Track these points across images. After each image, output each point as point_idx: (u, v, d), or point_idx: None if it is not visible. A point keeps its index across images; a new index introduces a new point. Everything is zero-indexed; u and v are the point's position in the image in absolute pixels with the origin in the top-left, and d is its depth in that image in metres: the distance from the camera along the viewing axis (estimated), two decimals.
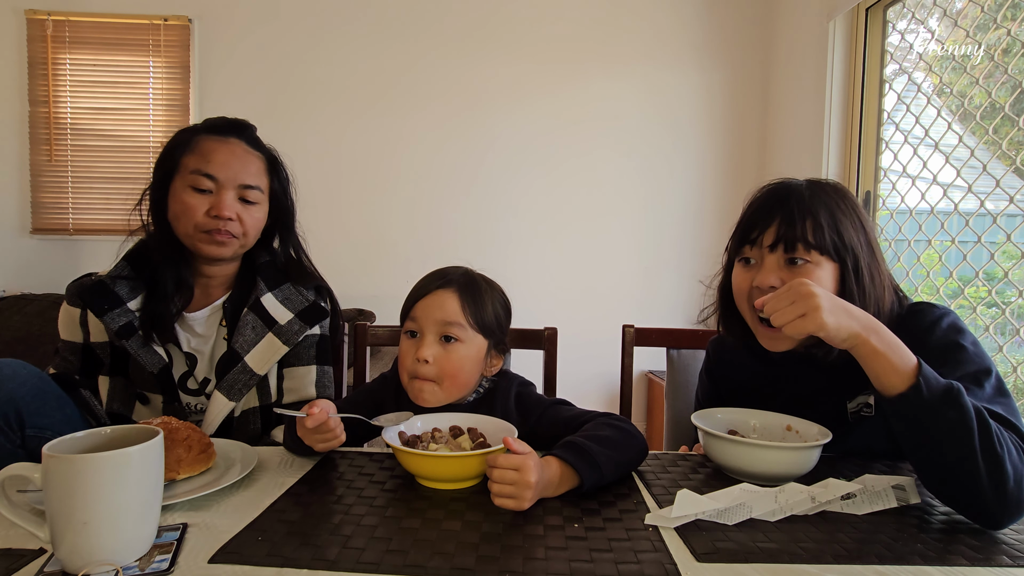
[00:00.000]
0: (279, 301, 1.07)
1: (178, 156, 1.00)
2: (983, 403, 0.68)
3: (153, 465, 0.57)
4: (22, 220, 2.78)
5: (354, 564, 0.53)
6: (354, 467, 0.80)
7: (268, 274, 1.09)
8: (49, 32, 2.72)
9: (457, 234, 2.91)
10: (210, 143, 1.00)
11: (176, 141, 1.02)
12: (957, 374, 0.72)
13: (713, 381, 1.08)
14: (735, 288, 0.90)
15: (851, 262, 0.80)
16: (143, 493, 0.55)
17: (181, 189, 0.99)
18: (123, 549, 0.53)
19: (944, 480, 0.67)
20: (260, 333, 1.03)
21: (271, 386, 1.06)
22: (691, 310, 3.00)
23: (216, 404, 0.99)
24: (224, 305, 1.05)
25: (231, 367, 1.00)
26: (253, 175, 1.03)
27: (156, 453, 0.57)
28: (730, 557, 0.56)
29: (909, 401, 0.65)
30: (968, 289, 1.86)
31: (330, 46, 2.83)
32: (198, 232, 0.99)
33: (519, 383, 0.95)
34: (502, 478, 0.66)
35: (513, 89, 2.89)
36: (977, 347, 0.77)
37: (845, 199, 0.84)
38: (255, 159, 1.05)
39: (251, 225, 1.03)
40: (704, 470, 0.82)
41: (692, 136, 2.96)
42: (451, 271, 0.92)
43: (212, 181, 0.99)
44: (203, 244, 1.00)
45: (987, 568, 0.56)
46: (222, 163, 0.99)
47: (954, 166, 1.93)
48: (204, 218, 0.98)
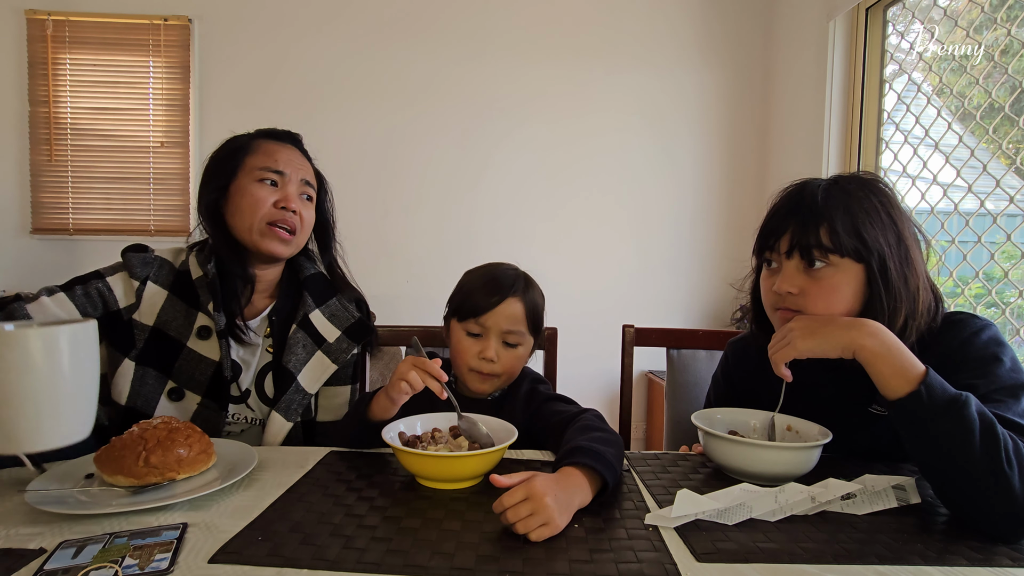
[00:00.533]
0: (326, 318, 1.08)
1: (241, 158, 1.03)
2: (1017, 417, 0.67)
3: (83, 348, 0.56)
4: (22, 220, 2.78)
5: (354, 564, 0.53)
6: (354, 467, 0.80)
7: (314, 288, 1.10)
8: (49, 32, 2.72)
9: (457, 234, 2.91)
10: (272, 145, 1.05)
11: (236, 145, 1.05)
12: (992, 387, 0.72)
13: (731, 383, 1.05)
14: (762, 292, 0.89)
15: (876, 263, 0.77)
16: (72, 376, 0.54)
17: (248, 184, 1.01)
18: (52, 432, 0.53)
19: (944, 488, 0.67)
20: (310, 351, 1.05)
21: (312, 403, 1.06)
22: (691, 310, 3.00)
23: (274, 424, 1.00)
24: (271, 317, 1.05)
25: (286, 387, 1.01)
26: (309, 176, 1.08)
27: (87, 336, 0.57)
28: (730, 557, 0.56)
29: (909, 406, 0.66)
30: (968, 290, 1.86)
31: (330, 46, 2.83)
32: (263, 224, 1.00)
33: (532, 379, 1.04)
34: (517, 514, 0.59)
35: (513, 89, 2.89)
36: (1016, 362, 0.75)
37: (873, 196, 0.80)
38: (308, 164, 1.10)
39: (308, 222, 1.06)
40: (704, 470, 0.82)
41: (693, 136, 2.96)
42: (508, 274, 0.99)
43: (279, 175, 1.02)
44: (267, 239, 1.00)
45: (987, 568, 0.56)
46: (287, 160, 1.04)
47: (954, 166, 1.93)
48: (271, 209, 1.00)
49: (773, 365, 0.79)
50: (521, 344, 0.97)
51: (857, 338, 0.70)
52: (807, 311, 0.80)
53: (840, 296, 0.79)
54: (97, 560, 0.53)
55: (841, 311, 0.79)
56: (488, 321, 0.94)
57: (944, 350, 0.78)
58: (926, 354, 0.76)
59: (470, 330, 0.96)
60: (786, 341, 0.77)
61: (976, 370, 0.74)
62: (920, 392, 0.65)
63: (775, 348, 0.79)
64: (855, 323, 0.73)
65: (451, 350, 1.01)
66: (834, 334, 0.73)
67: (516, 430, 0.79)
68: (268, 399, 1.03)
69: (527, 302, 0.97)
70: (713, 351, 1.33)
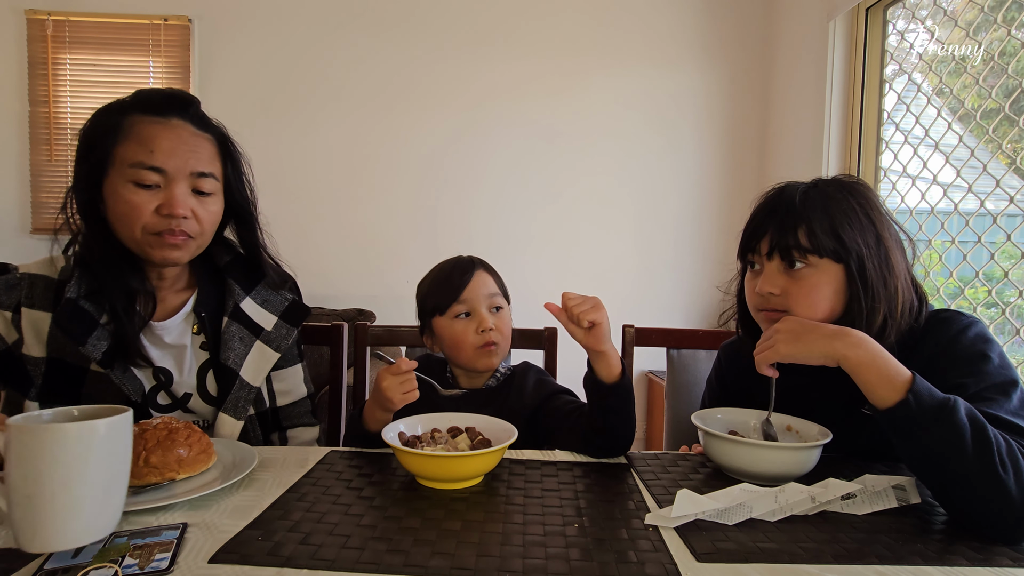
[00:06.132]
0: (259, 304, 0.99)
1: (109, 146, 0.82)
2: (1008, 415, 0.67)
3: (119, 442, 0.55)
4: (22, 220, 2.78)
5: (354, 564, 0.53)
6: (354, 467, 0.80)
7: (239, 275, 1.00)
8: (49, 32, 2.72)
9: (457, 234, 2.91)
10: (149, 127, 0.83)
11: (101, 126, 0.84)
12: (982, 385, 0.72)
13: (724, 386, 1.06)
14: (746, 294, 0.90)
15: (855, 264, 0.78)
16: (106, 471, 0.53)
17: (120, 186, 0.82)
18: (82, 530, 0.52)
19: (940, 492, 0.67)
20: (248, 343, 0.96)
21: (264, 392, 1.00)
22: (691, 310, 3.00)
23: (224, 426, 0.92)
24: (198, 312, 0.95)
25: (229, 385, 0.93)
26: (205, 161, 0.87)
27: (123, 430, 0.55)
28: (730, 557, 0.56)
29: (898, 415, 0.66)
30: (968, 290, 1.86)
31: (330, 45, 2.83)
32: (147, 235, 0.83)
33: (536, 370, 1.10)
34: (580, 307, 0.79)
35: (513, 89, 2.89)
36: (1004, 359, 0.76)
37: (852, 198, 0.81)
38: (205, 142, 0.88)
39: (208, 221, 0.89)
40: (704, 470, 0.82)
41: (692, 136, 2.96)
42: (463, 258, 1.08)
43: (159, 174, 0.82)
44: (154, 249, 0.84)
45: (987, 568, 0.56)
46: (169, 151, 0.82)
47: (954, 166, 1.93)
48: (153, 218, 0.83)
49: (757, 365, 0.80)
50: (503, 307, 1.06)
51: (840, 348, 0.71)
52: (791, 312, 0.81)
53: (821, 296, 0.80)
54: (97, 560, 0.53)
55: (823, 311, 0.80)
56: (470, 294, 1.02)
57: (932, 349, 0.78)
58: (913, 354, 0.77)
59: (457, 313, 1.02)
60: (770, 343, 0.78)
61: (965, 368, 0.74)
62: (908, 400, 0.65)
63: (759, 349, 0.80)
64: (839, 333, 0.73)
65: (447, 345, 1.04)
66: (817, 343, 0.73)
67: (516, 430, 0.79)
68: (213, 399, 0.95)
69: (489, 270, 1.07)
70: (713, 351, 1.32)
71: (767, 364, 0.79)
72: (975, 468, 0.62)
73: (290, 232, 1.13)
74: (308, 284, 1.39)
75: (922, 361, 0.75)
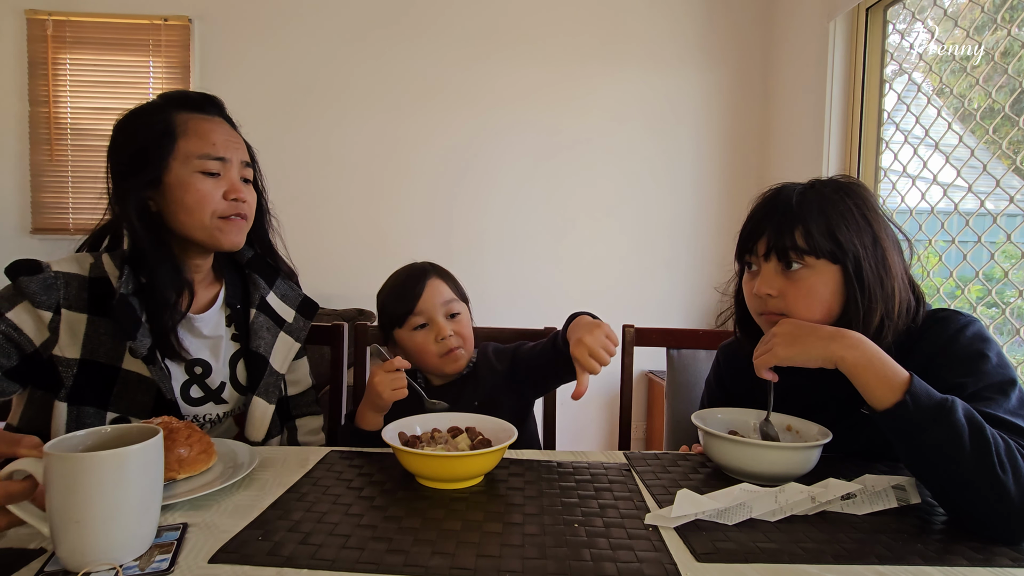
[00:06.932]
0: (279, 298, 1.06)
1: (170, 144, 0.88)
2: (1007, 415, 0.67)
3: (152, 464, 0.57)
4: (22, 220, 2.78)
5: (354, 564, 0.53)
6: (354, 467, 0.80)
7: (261, 270, 1.06)
8: (49, 32, 2.72)
9: (458, 234, 2.91)
10: (201, 123, 0.91)
11: (151, 128, 0.88)
12: (981, 385, 0.72)
13: (723, 387, 1.06)
14: (745, 296, 0.90)
15: (851, 265, 0.78)
16: (141, 492, 0.55)
17: (188, 176, 0.88)
18: (121, 548, 0.53)
19: (940, 493, 0.67)
20: (274, 334, 1.03)
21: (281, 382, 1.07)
22: (691, 310, 3.00)
23: (257, 409, 0.98)
24: (232, 304, 1.01)
25: (261, 372, 0.99)
26: (244, 153, 0.96)
27: (155, 452, 0.57)
28: (730, 557, 0.56)
29: (896, 416, 0.66)
30: (972, 286, 1.86)
31: (331, 45, 2.83)
32: (215, 220, 0.90)
33: (491, 344, 1.14)
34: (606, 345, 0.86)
35: (514, 90, 2.89)
36: (1002, 358, 0.76)
37: (848, 198, 0.81)
38: (239, 137, 0.97)
39: (254, 207, 0.98)
40: (704, 470, 0.82)
41: (692, 136, 2.96)
42: (415, 266, 1.09)
43: (221, 163, 0.90)
44: (223, 234, 0.91)
45: (987, 568, 0.56)
46: (224, 143, 0.91)
47: (954, 166, 1.92)
48: (222, 203, 0.90)
49: (756, 369, 0.81)
50: (460, 312, 1.06)
51: (837, 350, 0.71)
52: (789, 313, 0.81)
53: (818, 297, 0.80)
54: None
55: (821, 312, 0.80)
56: (425, 305, 1.03)
57: (929, 349, 0.78)
58: (911, 354, 0.77)
59: (415, 324, 1.04)
60: (768, 347, 0.78)
61: (963, 368, 0.74)
62: (906, 401, 0.65)
63: (758, 353, 0.80)
64: (836, 335, 0.73)
65: (411, 356, 1.06)
66: (815, 345, 0.74)
67: (516, 430, 0.79)
68: (243, 387, 1.00)
69: (442, 275, 1.08)
70: (713, 351, 1.33)
71: (766, 368, 0.80)
72: (973, 468, 0.62)
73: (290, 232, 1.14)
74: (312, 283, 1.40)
75: (920, 361, 0.75)
